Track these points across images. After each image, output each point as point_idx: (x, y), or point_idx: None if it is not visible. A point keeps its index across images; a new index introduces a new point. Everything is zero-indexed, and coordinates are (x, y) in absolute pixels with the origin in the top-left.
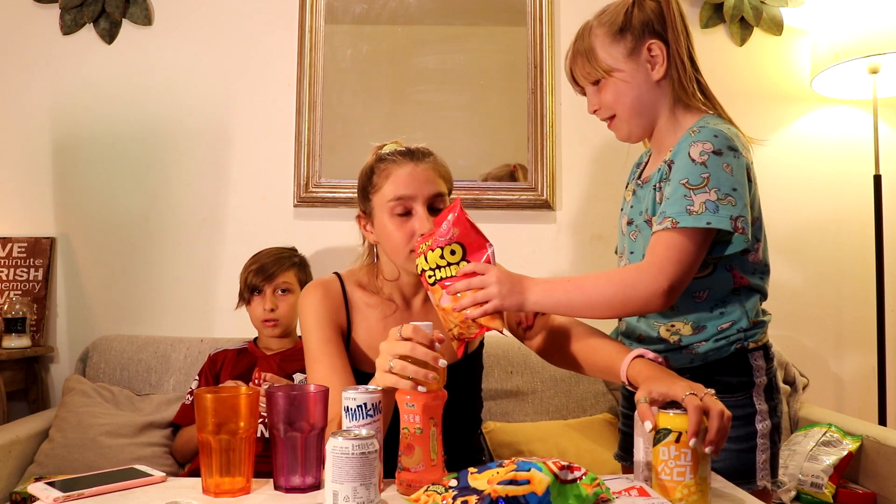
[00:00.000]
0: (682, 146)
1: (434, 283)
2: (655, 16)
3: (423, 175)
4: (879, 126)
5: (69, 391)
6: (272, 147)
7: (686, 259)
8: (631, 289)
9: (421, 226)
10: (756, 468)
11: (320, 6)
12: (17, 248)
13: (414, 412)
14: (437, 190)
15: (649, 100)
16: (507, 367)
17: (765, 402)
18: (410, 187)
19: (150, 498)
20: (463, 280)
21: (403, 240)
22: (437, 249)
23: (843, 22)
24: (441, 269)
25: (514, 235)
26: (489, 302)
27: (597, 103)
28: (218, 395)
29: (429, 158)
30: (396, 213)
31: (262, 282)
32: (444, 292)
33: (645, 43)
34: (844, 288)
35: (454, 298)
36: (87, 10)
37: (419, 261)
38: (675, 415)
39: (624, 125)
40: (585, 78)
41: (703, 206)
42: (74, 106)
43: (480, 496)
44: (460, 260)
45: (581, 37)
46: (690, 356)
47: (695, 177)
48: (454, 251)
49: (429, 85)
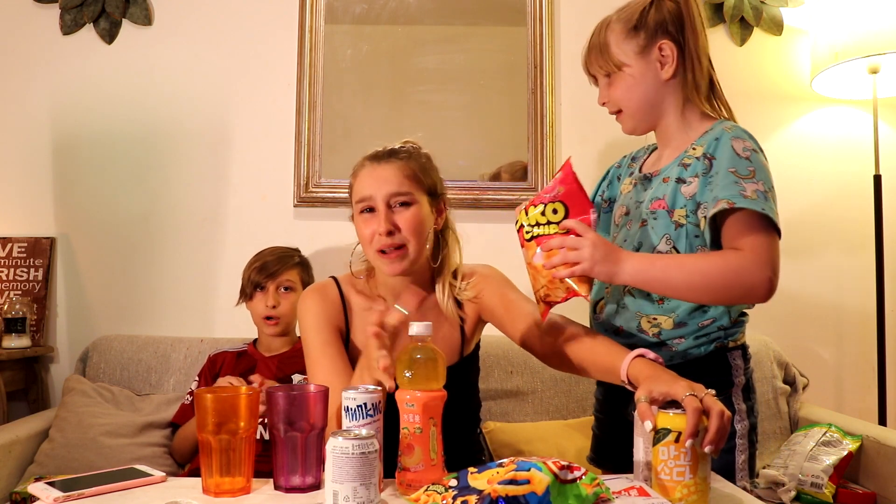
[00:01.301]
0: (721, 142)
1: (530, 238)
2: (672, 16)
3: (382, 175)
4: (879, 126)
5: (69, 391)
6: (272, 147)
7: (776, 249)
8: (735, 275)
9: (378, 224)
10: (736, 469)
11: (320, 6)
12: (17, 248)
13: (414, 412)
14: (394, 189)
15: (656, 98)
16: (507, 367)
17: (743, 402)
18: (369, 187)
19: (150, 498)
20: (558, 237)
21: (367, 237)
22: (539, 206)
23: (843, 22)
24: (540, 226)
25: (514, 235)
26: (579, 264)
27: (606, 96)
28: (218, 395)
29: (393, 158)
30: (362, 210)
31: (266, 279)
32: (539, 248)
33: (657, 42)
34: (844, 288)
35: (547, 255)
36: (87, 10)
37: (520, 215)
38: (674, 415)
39: (630, 120)
40: (598, 71)
41: (755, 193)
42: (74, 106)
43: (480, 496)
44: (561, 220)
45: (599, 30)
46: (670, 353)
47: (742, 168)
48: (556, 210)
49: (429, 85)
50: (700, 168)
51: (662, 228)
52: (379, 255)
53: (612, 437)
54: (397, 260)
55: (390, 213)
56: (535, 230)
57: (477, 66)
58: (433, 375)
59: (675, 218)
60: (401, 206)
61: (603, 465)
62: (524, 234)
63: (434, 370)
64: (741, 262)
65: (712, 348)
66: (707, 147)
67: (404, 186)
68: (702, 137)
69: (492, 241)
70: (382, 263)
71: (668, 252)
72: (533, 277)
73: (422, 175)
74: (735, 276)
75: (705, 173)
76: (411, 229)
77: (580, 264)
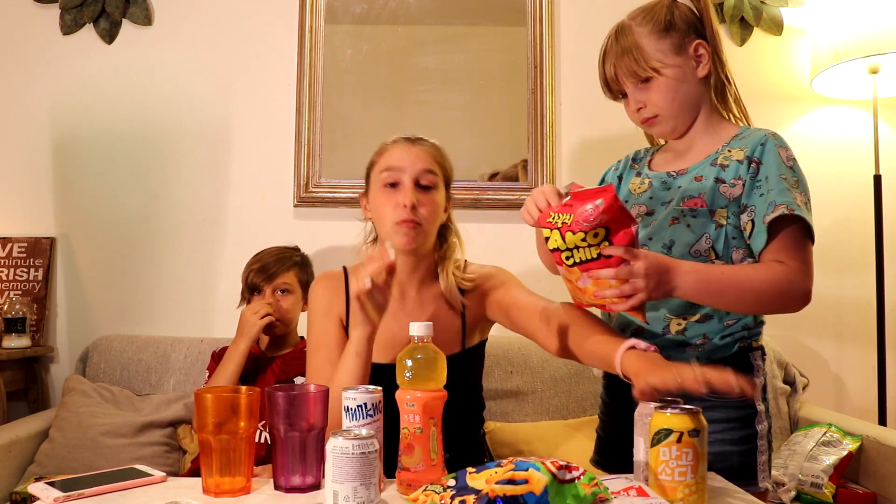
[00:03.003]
0: (767, 148)
1: (573, 265)
2: (694, 16)
3: (415, 152)
4: (879, 126)
5: (69, 391)
6: (272, 147)
7: (812, 257)
8: (787, 287)
9: (405, 197)
10: (758, 469)
11: (320, 6)
12: (17, 248)
13: (414, 412)
14: (426, 167)
15: (695, 96)
16: (507, 367)
17: (762, 403)
18: (401, 160)
19: (150, 498)
20: (608, 269)
21: (390, 210)
22: (579, 233)
23: (843, 22)
24: (580, 249)
25: (514, 235)
26: (635, 296)
27: (641, 101)
28: (218, 395)
29: (426, 142)
30: (387, 183)
31: (263, 282)
32: (585, 275)
33: (690, 42)
34: (844, 288)
35: (597, 283)
36: (87, 10)
37: (552, 237)
38: (674, 415)
39: (669, 122)
40: (632, 76)
41: (803, 203)
42: (74, 106)
43: (478, 496)
44: (602, 241)
45: (619, 36)
46: (696, 353)
47: (790, 176)
48: (597, 234)
49: (429, 85)
50: (744, 171)
51: (701, 227)
52: (396, 226)
53: (618, 439)
54: (412, 231)
55: (417, 192)
56: (577, 254)
57: (477, 66)
58: (433, 375)
59: (715, 217)
60: (424, 188)
61: (608, 468)
62: (563, 259)
63: (434, 370)
64: (790, 278)
65: (736, 349)
66: (752, 151)
67: (433, 166)
68: (738, 140)
69: (492, 241)
70: (398, 233)
71: (707, 251)
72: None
73: (445, 163)
74: (787, 291)
75: (753, 177)
76: (430, 212)
77: (636, 296)
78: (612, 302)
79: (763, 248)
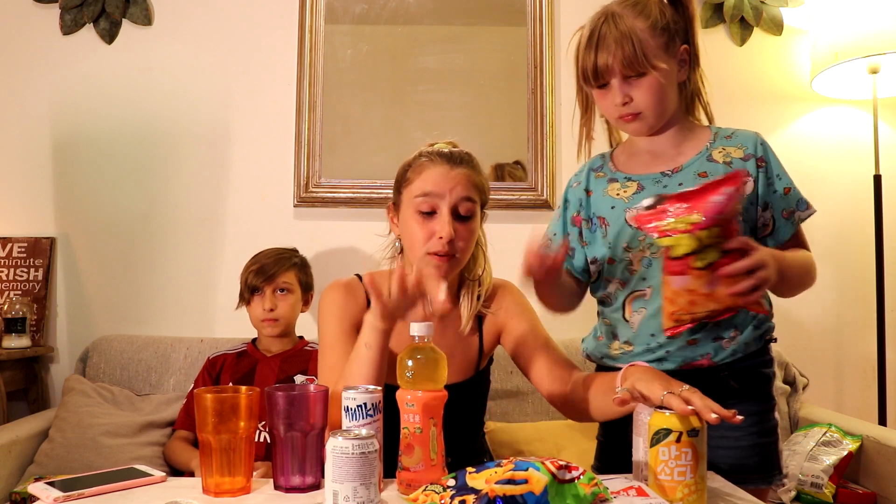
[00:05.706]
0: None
1: (705, 266)
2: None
3: (455, 178)
4: (879, 126)
5: (69, 391)
6: (272, 147)
7: None
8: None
9: (441, 228)
10: (780, 458)
11: (320, 6)
12: (17, 248)
13: (414, 412)
14: (465, 194)
15: (674, 98)
16: (507, 367)
17: (775, 395)
18: (439, 186)
19: (150, 498)
20: (743, 261)
21: (423, 238)
22: (714, 227)
23: (843, 22)
24: (708, 250)
25: (514, 235)
26: (764, 285)
27: (627, 96)
28: (218, 395)
29: (466, 165)
30: (421, 210)
31: (262, 282)
32: (713, 276)
33: (677, 43)
34: (844, 288)
35: (728, 282)
36: (87, 10)
37: (680, 242)
38: (673, 415)
39: (648, 121)
40: (628, 68)
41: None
42: (74, 106)
43: (478, 496)
44: (718, 238)
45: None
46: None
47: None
48: (713, 231)
49: (429, 85)
50: (752, 169)
51: None
52: (429, 256)
53: (620, 445)
54: (446, 265)
55: (454, 222)
56: (708, 255)
57: (477, 66)
58: (434, 375)
59: (798, 215)
60: (461, 217)
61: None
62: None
63: (434, 370)
64: (813, 260)
65: (763, 343)
66: (753, 150)
67: (472, 194)
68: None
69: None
70: (430, 264)
71: None
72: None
73: (483, 186)
74: (814, 271)
75: (766, 176)
76: (466, 244)
77: (765, 285)
78: (744, 299)
79: (787, 239)
